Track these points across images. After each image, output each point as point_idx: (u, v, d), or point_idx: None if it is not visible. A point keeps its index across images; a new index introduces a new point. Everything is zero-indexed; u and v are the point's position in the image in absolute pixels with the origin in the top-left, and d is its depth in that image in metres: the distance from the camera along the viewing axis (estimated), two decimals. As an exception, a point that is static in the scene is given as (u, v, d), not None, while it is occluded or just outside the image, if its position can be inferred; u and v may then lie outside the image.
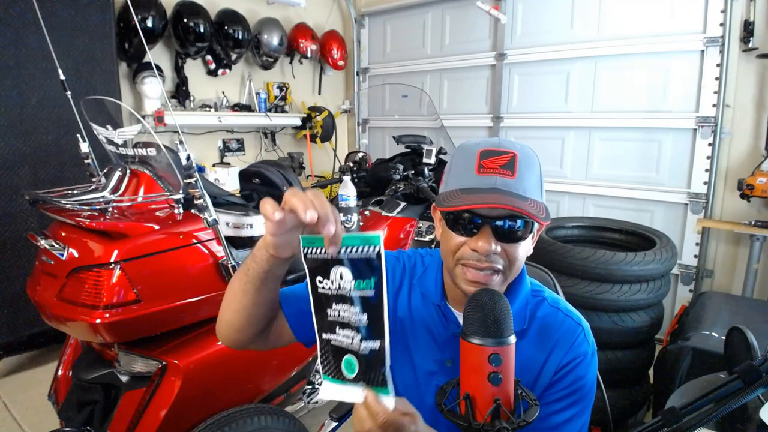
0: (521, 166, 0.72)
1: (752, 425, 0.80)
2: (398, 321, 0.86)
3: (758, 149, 2.58)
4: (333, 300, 0.61)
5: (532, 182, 0.73)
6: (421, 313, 0.85)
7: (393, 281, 0.89)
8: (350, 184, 2.17)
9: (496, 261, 0.73)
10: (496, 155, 0.72)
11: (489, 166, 0.72)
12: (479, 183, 0.71)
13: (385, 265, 0.86)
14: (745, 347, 0.73)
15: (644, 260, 1.92)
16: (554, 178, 3.28)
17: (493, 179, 0.71)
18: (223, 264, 1.55)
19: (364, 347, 0.59)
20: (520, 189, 0.71)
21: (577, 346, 0.78)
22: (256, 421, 1.40)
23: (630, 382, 2.04)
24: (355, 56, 4.38)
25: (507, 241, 0.72)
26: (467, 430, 0.57)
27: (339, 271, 0.60)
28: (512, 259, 0.74)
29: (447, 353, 0.81)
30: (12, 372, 2.50)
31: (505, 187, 0.70)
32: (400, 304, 0.87)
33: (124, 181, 1.63)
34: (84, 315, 1.31)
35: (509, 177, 0.71)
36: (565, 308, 0.83)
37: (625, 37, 2.91)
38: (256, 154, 3.94)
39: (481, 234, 0.72)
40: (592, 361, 0.79)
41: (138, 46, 2.86)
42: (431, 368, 0.82)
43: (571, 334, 0.79)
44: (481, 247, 0.71)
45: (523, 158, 0.72)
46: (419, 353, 0.83)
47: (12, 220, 2.42)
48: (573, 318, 0.82)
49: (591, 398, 0.79)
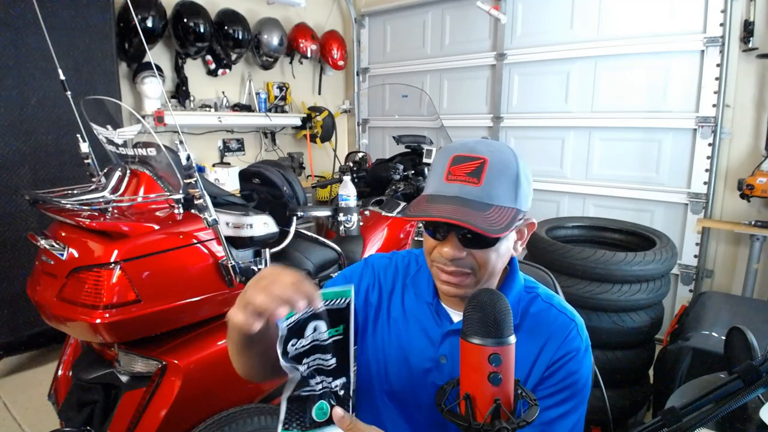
0: (490, 173, 0.71)
1: (752, 425, 0.80)
2: (392, 321, 0.88)
3: (758, 149, 2.58)
4: (305, 355, 0.63)
5: (503, 188, 0.72)
6: (415, 312, 0.86)
7: (386, 283, 0.91)
8: (350, 184, 2.17)
9: (463, 265, 0.74)
10: (465, 161, 0.73)
11: (456, 173, 0.72)
12: (444, 190, 0.73)
13: (376, 274, 0.90)
14: (745, 347, 0.73)
15: (644, 260, 1.93)
16: (554, 178, 3.28)
17: (458, 187, 0.72)
18: (223, 264, 1.54)
19: (335, 385, 0.65)
20: (484, 197, 0.71)
21: (569, 341, 0.78)
22: (256, 421, 1.40)
23: (630, 382, 2.04)
24: (355, 56, 4.38)
25: (474, 247, 0.73)
26: (467, 430, 0.57)
27: (314, 325, 0.63)
28: (482, 263, 0.74)
29: (441, 350, 0.82)
30: (12, 372, 2.50)
31: (466, 196, 0.71)
32: (393, 304, 0.89)
33: (124, 181, 1.63)
34: (84, 315, 1.31)
35: (474, 185, 0.71)
36: (558, 304, 0.83)
37: (625, 37, 2.91)
38: (256, 154, 3.95)
39: (447, 240, 0.74)
40: (586, 356, 0.79)
41: (138, 46, 2.86)
42: (426, 366, 0.83)
43: (564, 329, 0.79)
44: (446, 253, 0.73)
45: (495, 163, 0.72)
46: (414, 352, 0.84)
47: (12, 220, 2.41)
48: (566, 314, 0.82)
49: (585, 394, 0.79)
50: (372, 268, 0.93)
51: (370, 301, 0.90)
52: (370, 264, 0.94)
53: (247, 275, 1.59)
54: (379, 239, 2.34)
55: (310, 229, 2.91)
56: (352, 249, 2.21)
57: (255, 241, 1.68)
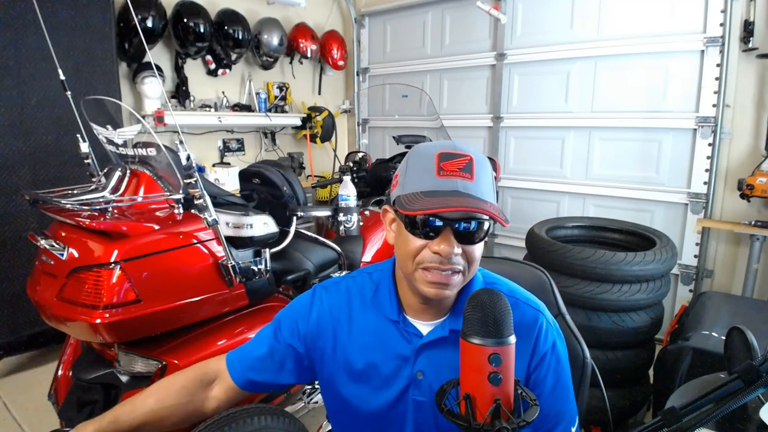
0: (478, 170, 0.72)
1: (752, 425, 0.80)
2: (359, 348, 0.84)
3: (758, 149, 2.58)
4: None
5: (488, 186, 0.74)
6: (381, 333, 0.83)
7: (340, 314, 0.86)
8: (350, 184, 2.17)
9: (457, 262, 0.73)
10: (454, 158, 0.72)
11: (448, 169, 0.72)
12: (440, 185, 0.71)
13: (324, 312, 0.87)
14: (745, 347, 0.72)
15: (644, 260, 1.92)
16: (554, 178, 3.28)
17: (454, 182, 0.71)
18: (223, 264, 1.55)
19: None
20: (479, 192, 0.71)
21: (544, 338, 0.80)
22: (256, 421, 1.40)
23: (630, 382, 2.03)
24: (355, 56, 4.38)
25: (466, 243, 0.73)
26: (467, 430, 0.57)
27: None
28: (471, 260, 0.75)
29: (417, 366, 0.81)
30: (12, 372, 2.50)
31: (465, 190, 0.71)
32: (353, 332, 0.85)
33: (124, 181, 1.63)
34: (84, 315, 1.31)
35: (468, 180, 0.71)
36: (522, 296, 0.84)
37: (625, 37, 2.91)
38: (256, 154, 3.95)
39: (442, 237, 0.71)
40: (560, 339, 0.83)
41: (138, 46, 2.86)
42: (403, 384, 0.82)
43: (534, 323, 0.80)
44: (444, 250, 0.71)
45: (479, 162, 0.73)
46: (389, 373, 0.82)
47: (12, 220, 2.41)
48: (531, 305, 0.83)
49: (568, 372, 0.83)
50: (318, 306, 0.88)
51: (324, 341, 0.87)
52: (317, 301, 0.89)
53: (247, 275, 1.59)
54: (379, 239, 2.34)
55: (310, 229, 2.91)
56: (352, 249, 2.21)
57: (255, 241, 1.68)
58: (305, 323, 0.87)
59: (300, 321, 0.88)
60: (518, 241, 3.41)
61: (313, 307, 0.88)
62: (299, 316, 0.89)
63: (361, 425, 0.87)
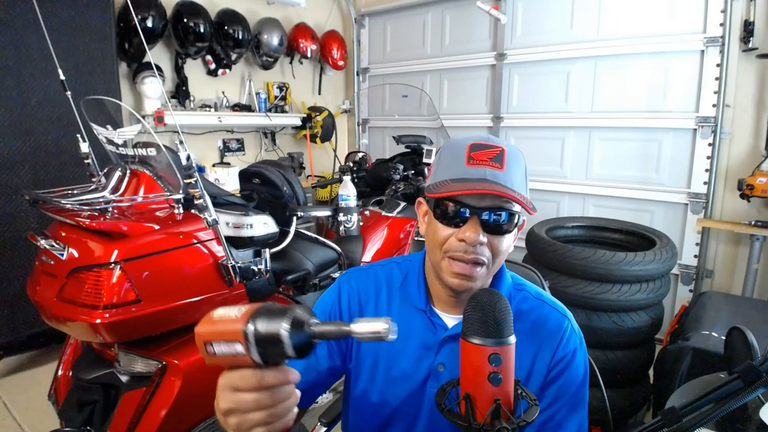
0: (509, 161, 0.74)
1: (752, 425, 0.80)
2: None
3: (758, 149, 2.58)
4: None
5: (519, 177, 0.75)
6: (406, 322, 0.84)
7: (366, 297, 0.87)
8: (350, 184, 2.17)
9: (482, 253, 0.74)
10: (485, 148, 0.74)
11: (479, 158, 0.73)
12: (469, 173, 0.73)
13: (353, 291, 0.87)
14: (745, 347, 0.73)
15: (644, 260, 1.92)
16: (554, 178, 3.27)
17: (483, 170, 0.72)
18: (223, 264, 1.54)
19: None
20: (508, 182, 0.72)
21: (567, 340, 0.80)
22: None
23: (630, 382, 2.04)
24: (355, 56, 4.38)
25: (493, 233, 0.74)
26: (467, 430, 0.57)
27: None
28: (496, 252, 0.75)
29: (439, 358, 0.81)
30: (12, 372, 2.50)
31: (494, 179, 0.72)
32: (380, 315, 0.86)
33: (124, 181, 1.63)
34: (84, 315, 1.31)
35: (498, 169, 0.72)
36: (549, 300, 0.84)
37: (625, 37, 2.91)
38: (256, 154, 3.95)
39: (468, 225, 0.72)
40: (582, 350, 0.82)
41: (138, 46, 2.86)
42: (423, 375, 0.82)
43: (559, 326, 0.81)
44: (469, 237, 0.72)
45: (511, 154, 0.75)
46: (410, 363, 0.82)
47: (12, 220, 2.41)
48: (558, 309, 0.83)
49: (587, 388, 0.81)
50: (347, 289, 0.89)
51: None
52: (345, 285, 0.90)
53: (247, 275, 1.59)
54: (379, 239, 2.33)
55: (310, 229, 2.91)
56: (352, 249, 2.21)
57: (255, 241, 1.68)
58: (337, 309, 0.88)
59: (333, 309, 0.88)
60: (518, 241, 3.40)
61: (342, 293, 0.89)
62: (332, 305, 0.89)
63: (377, 415, 0.86)
